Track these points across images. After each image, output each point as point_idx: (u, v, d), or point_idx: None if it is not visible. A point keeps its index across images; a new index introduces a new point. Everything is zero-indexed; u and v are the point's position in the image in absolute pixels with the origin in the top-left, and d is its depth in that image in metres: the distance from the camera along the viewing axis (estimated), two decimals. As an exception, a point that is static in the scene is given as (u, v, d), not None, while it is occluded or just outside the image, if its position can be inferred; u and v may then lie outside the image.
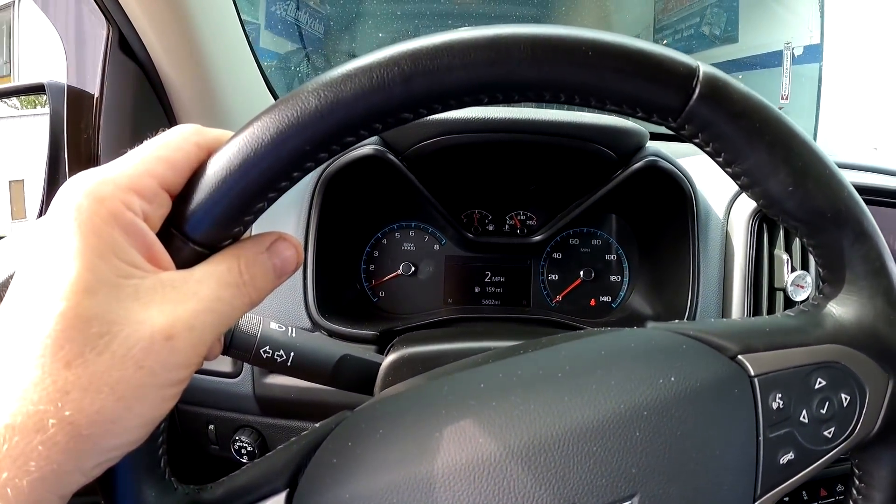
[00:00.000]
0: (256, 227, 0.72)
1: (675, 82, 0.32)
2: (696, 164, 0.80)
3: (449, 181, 0.83)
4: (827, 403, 0.38)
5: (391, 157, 0.72)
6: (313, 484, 0.35)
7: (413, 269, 0.87)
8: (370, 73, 0.30)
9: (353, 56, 0.31)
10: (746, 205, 0.77)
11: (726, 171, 0.36)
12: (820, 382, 0.37)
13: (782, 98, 2.10)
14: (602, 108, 0.34)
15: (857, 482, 0.42)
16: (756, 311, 0.77)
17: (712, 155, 0.36)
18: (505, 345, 0.43)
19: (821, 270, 0.40)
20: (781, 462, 0.36)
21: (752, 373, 0.37)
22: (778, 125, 0.34)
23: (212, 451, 0.81)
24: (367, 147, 0.72)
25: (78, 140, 0.85)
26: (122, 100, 0.84)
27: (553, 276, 0.89)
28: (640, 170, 0.74)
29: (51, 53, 0.91)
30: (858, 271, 0.38)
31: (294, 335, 0.53)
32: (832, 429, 0.38)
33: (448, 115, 0.71)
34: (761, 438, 0.36)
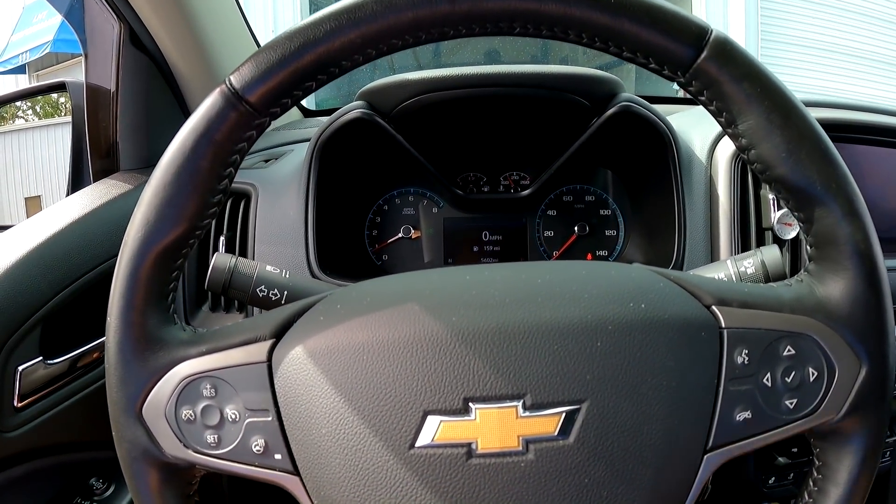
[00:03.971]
0: (263, 195, 0.76)
1: (687, 39, 0.36)
2: (676, 117, 0.83)
3: (439, 142, 0.87)
4: (793, 373, 0.38)
5: (378, 119, 0.77)
6: (298, 335, 0.40)
7: (413, 231, 0.91)
8: None
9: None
10: (728, 146, 0.79)
11: (727, 132, 0.39)
12: (789, 350, 0.38)
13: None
14: (619, 55, 0.38)
15: (816, 473, 0.42)
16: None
17: (715, 114, 0.39)
18: None
19: (808, 249, 0.40)
20: (738, 419, 0.37)
21: (723, 324, 0.38)
22: (778, 93, 0.37)
23: None
24: (355, 111, 0.76)
25: (97, 132, 0.91)
26: (136, 91, 0.89)
27: (549, 233, 0.92)
28: (614, 115, 0.77)
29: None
30: (844, 251, 0.38)
31: (288, 276, 0.58)
32: (794, 400, 0.38)
33: (425, 73, 0.77)
34: (721, 389, 0.37)
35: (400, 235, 0.91)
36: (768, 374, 0.38)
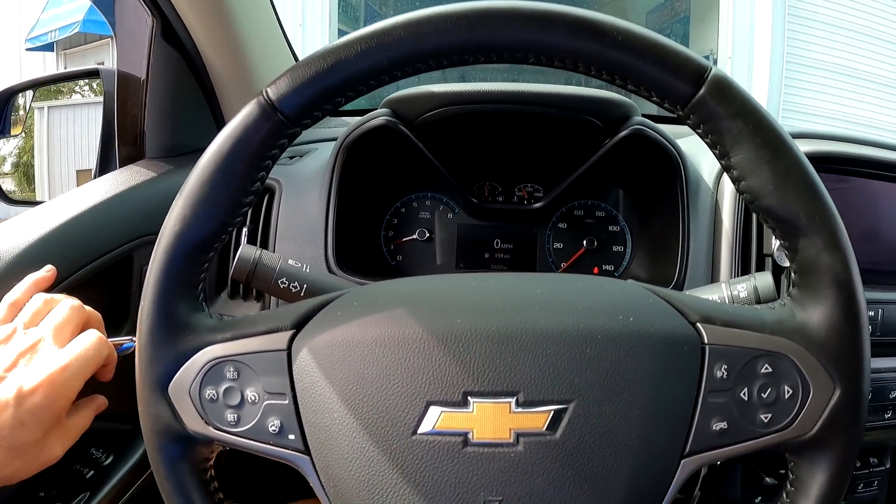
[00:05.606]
0: (287, 191, 0.80)
1: (687, 75, 0.39)
2: (687, 141, 0.85)
3: (458, 151, 0.90)
4: (769, 390, 0.41)
5: (402, 127, 0.80)
6: (317, 327, 0.43)
7: (428, 234, 0.94)
8: (445, 19, 0.39)
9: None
10: (735, 175, 0.80)
11: (721, 163, 0.42)
12: (766, 368, 0.41)
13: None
14: (623, 87, 0.41)
15: (789, 486, 0.44)
16: None
17: (710, 146, 0.42)
18: None
19: (793, 274, 0.43)
20: (714, 428, 0.40)
21: (706, 340, 0.41)
22: (769, 130, 0.40)
23: None
24: (380, 118, 0.79)
25: (126, 118, 0.94)
26: (165, 84, 0.92)
27: (558, 245, 0.94)
28: (626, 137, 0.79)
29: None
30: (824, 280, 0.40)
31: (308, 270, 0.61)
32: (769, 415, 0.41)
33: (449, 87, 0.80)
34: (700, 400, 0.40)
35: (415, 237, 0.94)
36: (745, 389, 0.41)
